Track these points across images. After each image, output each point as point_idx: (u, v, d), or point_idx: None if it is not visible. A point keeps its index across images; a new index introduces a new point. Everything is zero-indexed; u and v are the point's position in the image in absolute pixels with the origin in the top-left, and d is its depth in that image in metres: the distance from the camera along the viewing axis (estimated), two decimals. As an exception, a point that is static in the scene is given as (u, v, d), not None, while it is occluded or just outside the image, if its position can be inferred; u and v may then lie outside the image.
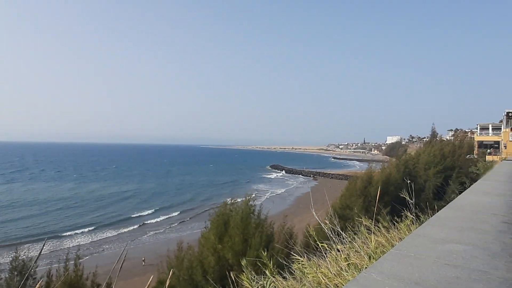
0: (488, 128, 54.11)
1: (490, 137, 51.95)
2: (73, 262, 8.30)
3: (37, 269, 9.18)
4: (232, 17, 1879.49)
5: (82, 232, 39.84)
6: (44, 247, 32.74)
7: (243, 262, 4.61)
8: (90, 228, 41.29)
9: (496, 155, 43.33)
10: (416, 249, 2.09)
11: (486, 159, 35.68)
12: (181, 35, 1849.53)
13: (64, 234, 38.53)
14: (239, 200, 9.46)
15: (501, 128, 49.95)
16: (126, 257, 28.66)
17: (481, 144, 49.63)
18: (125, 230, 41.44)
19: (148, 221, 45.92)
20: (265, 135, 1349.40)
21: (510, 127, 45.40)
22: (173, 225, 44.44)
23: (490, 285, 1.58)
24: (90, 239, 37.38)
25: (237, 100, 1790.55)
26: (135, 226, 43.13)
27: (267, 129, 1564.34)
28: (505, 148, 45.04)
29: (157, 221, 46.22)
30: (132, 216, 48.39)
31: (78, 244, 32.89)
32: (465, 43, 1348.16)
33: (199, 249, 8.59)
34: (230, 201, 9.27)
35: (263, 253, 4.65)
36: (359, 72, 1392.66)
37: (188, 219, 47.34)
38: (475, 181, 9.30)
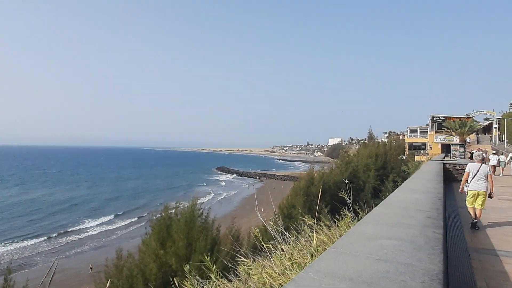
0: (417, 131, 59.53)
1: (418, 139, 57.14)
2: (3, 276, 7.42)
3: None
4: (160, 17, 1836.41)
5: (19, 247, 35.52)
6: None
7: (186, 268, 4.49)
8: (36, 241, 37.24)
9: (423, 155, 47.73)
10: (351, 246, 2.18)
11: (415, 159, 39.11)
12: (115, 36, 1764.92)
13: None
14: (184, 203, 9.21)
15: (427, 131, 55.25)
16: (68, 268, 26.49)
17: (411, 146, 54.37)
18: (70, 240, 38.07)
19: (99, 230, 42.71)
20: (211, 137, 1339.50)
21: (434, 130, 50.36)
22: (125, 231, 41.95)
23: (414, 276, 1.71)
24: (28, 253, 33.49)
25: (182, 102, 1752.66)
26: (83, 235, 39.95)
27: (213, 131, 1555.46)
28: (431, 149, 49.84)
29: (109, 229, 43.20)
30: (81, 225, 44.60)
31: (11, 258, 29.27)
32: (397, 53, 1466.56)
33: (140, 256, 8.18)
34: (174, 204, 8.97)
35: (206, 257, 4.56)
36: (300, 76, 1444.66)
37: (144, 222, 44.99)
38: (406, 179, 10.09)
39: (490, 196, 7.32)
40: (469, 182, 7.31)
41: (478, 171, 7.20)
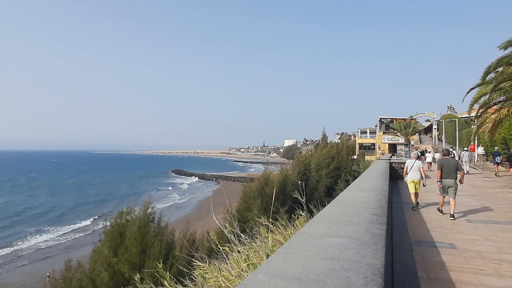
0: (367, 132, 62.73)
1: (368, 140, 60.24)
2: None
3: None
4: (107, 13, 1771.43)
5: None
6: None
7: (137, 277, 4.32)
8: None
9: (372, 155, 50.41)
10: (300, 246, 2.24)
11: (365, 158, 41.21)
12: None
13: None
14: (136, 209, 8.85)
15: (376, 132, 58.48)
16: (9, 282, 24.06)
17: (361, 146, 57.24)
18: (20, 253, 34.76)
19: (60, 240, 39.32)
20: (166, 140, 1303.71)
21: (382, 131, 53.43)
22: (85, 240, 39.10)
23: (358, 272, 1.79)
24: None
25: (132, 104, 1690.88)
26: (39, 247, 36.70)
27: (168, 133, 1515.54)
28: (379, 149, 52.80)
29: (71, 238, 40.01)
30: (41, 235, 40.96)
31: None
32: (348, 54, 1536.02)
33: (91, 265, 7.71)
34: (126, 210, 8.59)
35: (158, 265, 4.43)
36: (255, 78, 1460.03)
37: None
38: (356, 178, 10.58)
39: (423, 185, 10.03)
40: (408, 173, 9.96)
41: (412, 165, 9.92)
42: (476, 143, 26.17)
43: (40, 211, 56.07)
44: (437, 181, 8.76)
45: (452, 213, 8.08)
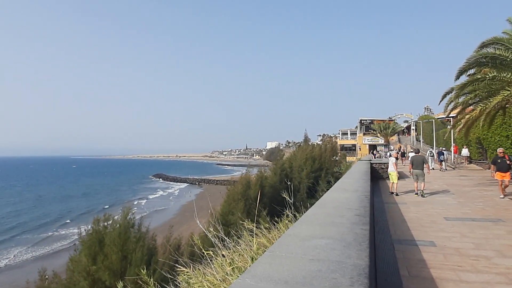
0: (347, 133, 63.84)
1: (349, 141, 61.27)
2: None
3: None
4: (82, 13, 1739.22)
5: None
6: None
7: (120, 285, 4.22)
8: None
9: (354, 156, 51.23)
10: (286, 248, 2.25)
11: (347, 159, 41.83)
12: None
13: None
14: (115, 215, 8.63)
15: (356, 133, 59.57)
16: None
17: (343, 147, 58.13)
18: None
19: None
20: (146, 144, 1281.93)
21: (363, 132, 54.48)
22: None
23: (344, 273, 1.81)
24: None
25: (112, 107, 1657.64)
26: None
27: (148, 137, 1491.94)
28: (360, 150, 53.78)
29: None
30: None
31: None
32: (330, 56, 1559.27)
33: (68, 275, 7.45)
34: (104, 216, 8.36)
35: (142, 271, 4.34)
36: (237, 81, 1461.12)
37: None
38: (339, 179, 10.72)
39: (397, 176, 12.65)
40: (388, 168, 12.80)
41: (389, 161, 12.88)
42: (452, 143, 27.25)
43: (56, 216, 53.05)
44: (409, 172, 12.26)
45: (422, 189, 11.53)
